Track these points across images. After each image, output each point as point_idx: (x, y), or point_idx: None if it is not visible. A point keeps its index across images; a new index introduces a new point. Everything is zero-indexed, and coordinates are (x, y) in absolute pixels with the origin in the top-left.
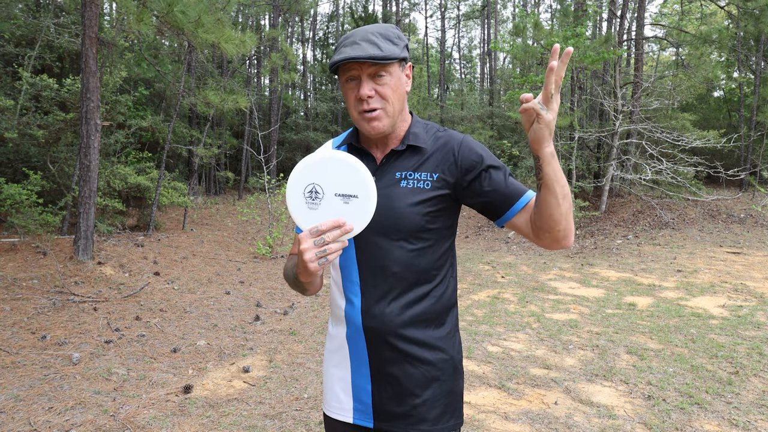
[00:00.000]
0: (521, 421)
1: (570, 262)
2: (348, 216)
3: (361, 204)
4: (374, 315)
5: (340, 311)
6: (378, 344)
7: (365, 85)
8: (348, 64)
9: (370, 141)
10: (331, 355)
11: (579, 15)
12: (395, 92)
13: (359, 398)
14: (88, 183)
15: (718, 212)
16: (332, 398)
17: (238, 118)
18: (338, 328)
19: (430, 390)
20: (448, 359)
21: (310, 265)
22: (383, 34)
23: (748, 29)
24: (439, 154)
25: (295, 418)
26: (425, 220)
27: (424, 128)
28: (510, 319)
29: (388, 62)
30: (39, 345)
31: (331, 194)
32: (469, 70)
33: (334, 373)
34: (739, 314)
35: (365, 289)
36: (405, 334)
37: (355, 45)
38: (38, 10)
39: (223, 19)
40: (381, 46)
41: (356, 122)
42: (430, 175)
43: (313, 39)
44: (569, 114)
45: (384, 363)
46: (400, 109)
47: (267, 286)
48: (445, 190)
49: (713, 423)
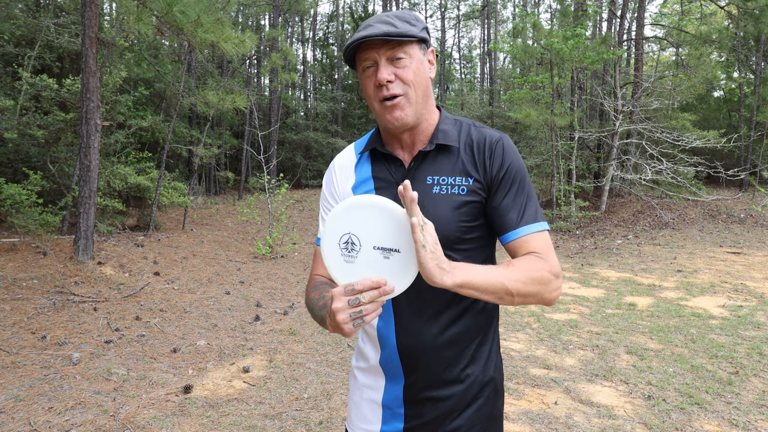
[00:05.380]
0: (521, 421)
1: (570, 262)
2: (388, 273)
3: (404, 260)
4: (410, 334)
5: (372, 331)
6: (414, 364)
7: (383, 69)
8: (364, 51)
9: (394, 142)
10: (360, 374)
11: (579, 15)
12: (417, 76)
13: (389, 421)
14: (88, 183)
15: (718, 212)
16: (358, 418)
17: (238, 118)
18: (370, 348)
19: (468, 412)
20: (488, 380)
21: (344, 327)
22: (399, 15)
23: (748, 29)
24: (473, 155)
25: (295, 418)
26: (462, 229)
27: (454, 124)
28: (510, 319)
29: (406, 41)
30: (39, 345)
31: (369, 247)
32: (469, 70)
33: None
34: (739, 314)
35: (399, 308)
36: (443, 354)
37: (368, 27)
38: (38, 10)
39: (222, 18)
40: (396, 24)
41: (378, 116)
42: (466, 179)
43: (313, 39)
44: (569, 113)
45: (420, 385)
46: (424, 96)
47: (267, 286)
48: (483, 194)
49: (713, 423)
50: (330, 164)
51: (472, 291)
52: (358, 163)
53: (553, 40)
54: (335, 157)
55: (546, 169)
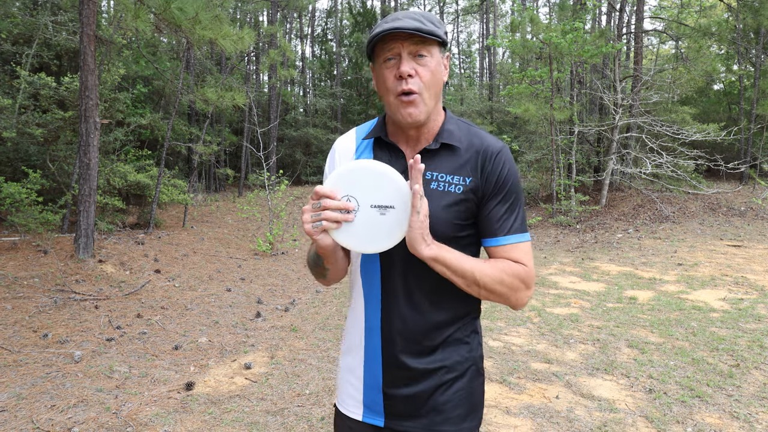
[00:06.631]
0: (523, 416)
1: (570, 256)
2: (385, 227)
3: (397, 218)
4: (395, 317)
5: (359, 310)
6: (396, 345)
7: (406, 62)
8: (388, 42)
9: (399, 135)
10: (346, 352)
11: (577, 9)
12: (434, 77)
13: (371, 397)
14: (88, 181)
15: (718, 205)
16: (344, 393)
17: (237, 115)
18: (354, 325)
19: (450, 391)
20: (469, 360)
21: (305, 226)
22: (425, 16)
23: (747, 22)
24: (473, 159)
25: (297, 414)
26: (454, 227)
27: (458, 126)
28: (511, 314)
29: (431, 39)
30: (41, 343)
31: (367, 205)
32: (468, 65)
33: (348, 369)
34: (740, 307)
35: (386, 291)
36: (426, 337)
37: (397, 20)
38: (36, 8)
39: (220, 15)
40: (424, 23)
41: (391, 108)
42: (463, 179)
43: (312, 35)
44: (569, 108)
45: (402, 364)
46: (436, 99)
47: (268, 283)
48: (477, 197)
49: (714, 416)
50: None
51: (443, 268)
52: (360, 148)
53: (551, 34)
54: (337, 140)
55: (546, 164)
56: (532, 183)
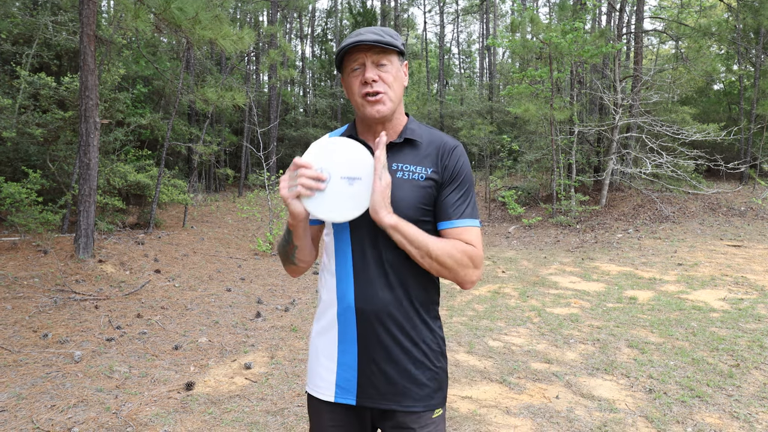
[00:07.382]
0: (523, 416)
1: (570, 256)
2: (352, 196)
3: (364, 189)
4: (366, 298)
5: (332, 292)
6: (368, 325)
7: (370, 70)
8: (353, 54)
9: (368, 133)
10: (318, 336)
11: (577, 9)
12: (396, 80)
13: (344, 377)
14: (88, 181)
15: (718, 205)
16: (316, 377)
17: (237, 115)
18: (328, 308)
19: (419, 370)
20: (435, 340)
21: (281, 191)
22: (384, 30)
23: (747, 21)
24: (433, 153)
25: (297, 414)
26: (419, 210)
27: (419, 126)
28: (511, 314)
29: (390, 49)
30: (41, 343)
31: (338, 177)
32: (468, 65)
33: (321, 352)
34: (740, 307)
35: (358, 272)
36: (396, 317)
37: (359, 35)
38: (35, 8)
39: (220, 15)
40: (383, 36)
41: (359, 108)
42: (425, 169)
43: (312, 35)
44: (569, 108)
45: (373, 343)
46: (399, 99)
47: (268, 283)
48: (435, 185)
49: (714, 416)
50: None
51: (401, 237)
52: None
53: (551, 34)
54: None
55: (546, 164)
56: (532, 183)
